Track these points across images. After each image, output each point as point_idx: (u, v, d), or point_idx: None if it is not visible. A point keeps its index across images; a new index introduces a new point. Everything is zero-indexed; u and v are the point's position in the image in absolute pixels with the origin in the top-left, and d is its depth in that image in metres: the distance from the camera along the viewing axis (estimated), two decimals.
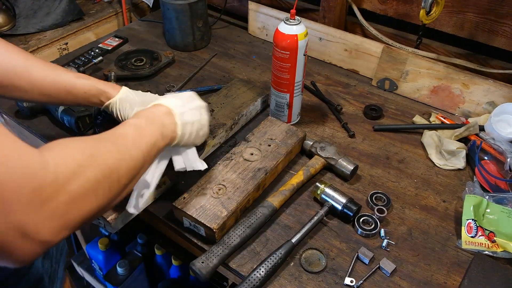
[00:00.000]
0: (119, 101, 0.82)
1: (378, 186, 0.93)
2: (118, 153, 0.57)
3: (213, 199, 0.81)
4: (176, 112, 0.72)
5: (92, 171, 0.51)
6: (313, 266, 0.77)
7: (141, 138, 0.64)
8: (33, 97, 0.79)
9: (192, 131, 0.74)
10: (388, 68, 1.17)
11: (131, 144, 0.61)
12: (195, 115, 0.75)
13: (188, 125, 0.73)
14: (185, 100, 0.76)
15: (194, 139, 0.76)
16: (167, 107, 0.72)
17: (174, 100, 0.74)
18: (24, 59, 0.77)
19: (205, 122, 0.78)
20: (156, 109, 0.71)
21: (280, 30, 0.91)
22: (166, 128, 0.69)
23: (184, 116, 0.73)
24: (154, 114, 0.70)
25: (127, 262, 1.42)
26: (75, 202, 0.48)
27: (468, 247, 0.79)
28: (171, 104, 0.73)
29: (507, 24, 1.06)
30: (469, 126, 1.00)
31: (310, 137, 1.00)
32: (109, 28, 1.58)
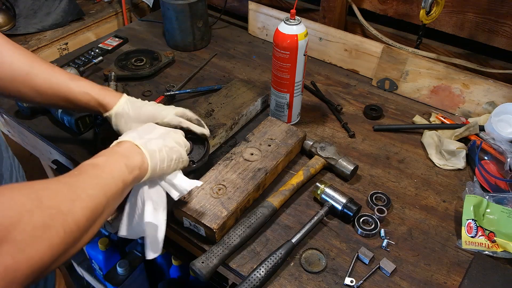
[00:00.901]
0: (114, 115, 0.81)
1: (378, 186, 0.93)
2: (72, 193, 0.53)
3: (213, 199, 0.81)
4: (138, 143, 0.69)
5: (39, 215, 0.46)
6: (313, 266, 0.77)
7: (101, 174, 0.59)
8: (37, 101, 0.80)
9: (163, 157, 0.70)
10: (388, 68, 1.17)
11: (88, 183, 0.56)
12: (158, 142, 0.72)
13: (156, 152, 0.69)
14: (141, 132, 0.73)
15: (168, 165, 0.72)
16: (128, 141, 0.69)
17: (131, 134, 0.71)
18: (29, 64, 0.76)
19: (172, 144, 0.74)
20: (117, 146, 0.68)
21: (280, 30, 0.91)
22: (131, 159, 0.65)
23: (148, 145, 0.69)
24: (114, 150, 0.67)
25: (127, 262, 1.42)
26: (21, 252, 0.43)
27: (468, 247, 0.79)
28: (130, 137, 0.70)
29: (507, 24, 1.06)
30: (469, 126, 1.00)
31: (310, 137, 1.00)
32: (109, 28, 1.58)
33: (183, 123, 0.84)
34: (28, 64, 0.76)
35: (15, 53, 0.76)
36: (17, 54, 0.76)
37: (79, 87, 0.80)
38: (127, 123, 0.81)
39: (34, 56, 0.79)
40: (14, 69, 0.75)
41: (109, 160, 0.63)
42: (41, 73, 0.77)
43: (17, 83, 0.75)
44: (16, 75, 0.75)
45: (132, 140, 0.68)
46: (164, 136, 0.74)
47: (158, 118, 0.83)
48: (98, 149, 0.69)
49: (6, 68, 0.74)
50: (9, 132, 1.21)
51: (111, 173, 0.60)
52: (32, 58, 0.77)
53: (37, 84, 0.77)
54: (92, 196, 0.55)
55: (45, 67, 0.78)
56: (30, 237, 0.44)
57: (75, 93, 0.79)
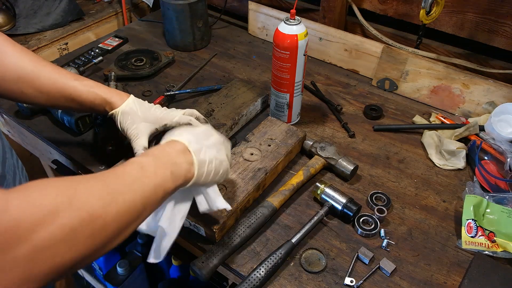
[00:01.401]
0: (121, 113, 0.80)
1: (378, 186, 0.93)
2: (108, 196, 0.50)
3: None
4: (192, 149, 0.65)
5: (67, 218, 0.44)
6: (313, 266, 0.77)
7: (143, 179, 0.56)
8: (39, 102, 0.79)
9: (211, 170, 0.68)
10: (388, 68, 1.17)
11: (128, 186, 0.54)
12: (212, 153, 0.69)
13: (205, 164, 0.67)
14: (200, 136, 0.70)
15: (213, 178, 0.69)
16: (182, 143, 0.66)
17: (188, 136, 0.68)
18: (33, 65, 0.76)
19: (224, 157, 0.71)
20: (169, 147, 0.65)
21: (280, 30, 0.91)
22: (179, 167, 0.62)
23: (201, 154, 0.67)
24: (165, 152, 0.64)
25: (127, 262, 1.42)
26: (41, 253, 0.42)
27: (468, 247, 0.79)
28: (185, 139, 0.66)
29: (507, 24, 1.06)
30: (469, 126, 1.00)
31: (310, 137, 1.00)
32: (109, 28, 1.58)
33: (193, 122, 0.84)
34: (32, 65, 0.76)
35: (19, 54, 0.76)
36: (21, 55, 0.76)
37: (85, 85, 0.80)
38: (133, 122, 0.80)
39: (38, 57, 0.79)
40: (19, 70, 0.75)
41: (156, 163, 0.60)
42: (45, 73, 0.77)
43: (21, 84, 0.75)
44: (20, 75, 0.75)
45: (187, 144, 0.66)
46: (219, 146, 0.71)
47: (167, 119, 0.82)
48: (99, 148, 0.68)
49: (11, 69, 0.74)
50: (9, 132, 1.21)
51: (154, 180, 0.58)
52: (36, 59, 0.77)
53: (41, 84, 0.76)
54: (129, 202, 0.52)
55: (49, 67, 0.78)
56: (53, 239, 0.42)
57: (81, 91, 0.79)
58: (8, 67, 0.74)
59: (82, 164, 0.95)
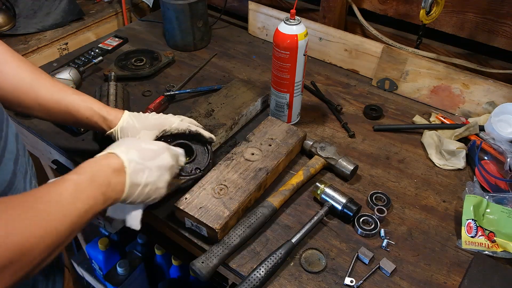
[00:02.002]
0: (120, 130, 0.80)
1: (378, 186, 0.93)
2: (41, 230, 0.49)
3: (215, 199, 0.81)
4: (130, 170, 0.64)
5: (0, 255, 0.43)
6: (313, 266, 0.77)
7: (77, 203, 0.55)
8: (36, 114, 0.79)
9: (141, 193, 0.67)
10: (388, 68, 1.17)
11: (61, 213, 0.52)
12: (152, 176, 0.67)
13: (139, 187, 0.66)
14: (146, 154, 0.68)
15: (141, 201, 0.69)
16: (120, 161, 0.64)
17: (134, 152, 0.67)
18: (33, 76, 0.76)
19: (162, 185, 0.70)
20: (107, 163, 0.63)
21: (280, 30, 0.91)
22: (112, 188, 0.61)
23: (138, 176, 0.65)
24: (101, 169, 0.61)
25: (127, 262, 1.42)
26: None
27: (468, 247, 0.79)
28: (126, 158, 0.65)
29: (507, 24, 1.06)
30: (469, 126, 1.00)
31: (310, 137, 1.00)
32: (109, 28, 1.58)
33: (192, 127, 0.84)
34: (32, 76, 0.76)
35: (18, 64, 0.75)
36: (20, 65, 0.75)
37: (83, 101, 0.79)
38: (134, 135, 0.81)
39: (37, 68, 0.79)
40: (18, 81, 0.74)
41: (92, 185, 0.58)
42: (44, 85, 0.76)
43: (20, 95, 0.75)
44: (19, 86, 0.74)
45: (126, 164, 0.64)
46: (163, 171, 0.70)
47: (166, 124, 0.82)
48: (99, 148, 0.68)
49: (10, 79, 0.74)
50: None
51: (87, 204, 0.56)
52: (35, 71, 0.77)
53: (40, 96, 0.76)
54: (60, 232, 0.51)
55: (49, 81, 0.78)
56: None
57: (78, 106, 0.78)
58: (6, 76, 0.74)
59: None
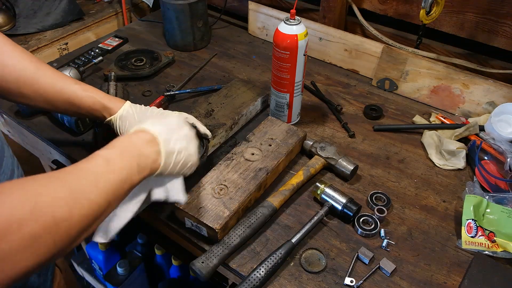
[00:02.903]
0: (119, 118, 0.81)
1: (378, 186, 0.93)
2: (72, 200, 0.49)
3: (215, 199, 0.81)
4: (161, 139, 0.65)
5: (30, 226, 0.44)
6: (313, 266, 0.77)
7: (108, 175, 0.55)
8: (38, 104, 0.79)
9: (178, 161, 0.68)
10: (388, 68, 1.17)
11: (93, 185, 0.52)
12: (182, 144, 0.69)
13: (173, 155, 0.67)
14: (172, 127, 0.70)
15: (180, 169, 0.69)
16: (150, 133, 0.65)
17: (160, 126, 0.68)
18: (34, 67, 0.76)
19: (193, 151, 0.71)
20: (136, 137, 0.64)
21: (280, 30, 0.91)
22: (145, 158, 0.61)
23: (170, 144, 0.66)
24: (131, 142, 0.62)
25: (127, 262, 1.42)
26: (3, 262, 0.42)
27: (468, 247, 0.79)
28: (155, 130, 0.66)
29: (507, 24, 1.06)
30: (469, 126, 1.00)
31: (310, 137, 1.00)
32: (109, 28, 1.58)
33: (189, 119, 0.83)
34: (32, 67, 0.76)
35: (20, 55, 0.75)
36: (22, 56, 0.75)
37: (84, 90, 0.80)
38: (131, 126, 0.80)
39: (39, 60, 0.79)
40: (19, 71, 0.74)
41: (123, 156, 0.59)
42: (45, 75, 0.77)
43: (21, 85, 0.75)
44: (20, 77, 0.75)
45: (156, 134, 0.65)
46: (189, 138, 0.72)
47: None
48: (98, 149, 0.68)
49: (11, 70, 0.74)
50: (9, 132, 1.21)
51: (120, 175, 0.56)
52: (36, 62, 0.77)
53: (41, 87, 0.76)
54: (94, 202, 0.52)
55: (50, 71, 0.78)
56: (16, 247, 0.43)
57: (80, 95, 0.79)
58: (8, 67, 0.74)
59: None
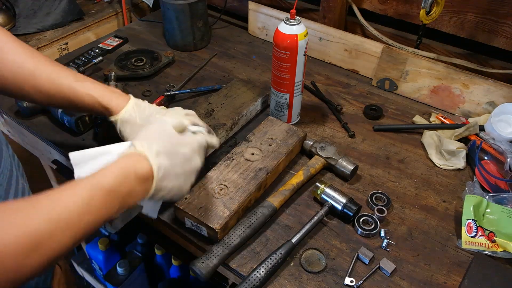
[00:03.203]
0: (120, 121, 0.77)
1: (378, 186, 0.93)
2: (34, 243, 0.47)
3: (215, 199, 0.81)
4: (158, 177, 0.60)
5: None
6: (313, 266, 0.77)
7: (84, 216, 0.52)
8: (38, 100, 0.78)
9: (164, 197, 0.64)
10: (388, 68, 1.17)
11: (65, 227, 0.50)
12: (179, 181, 0.64)
13: (163, 192, 0.63)
14: (178, 160, 0.64)
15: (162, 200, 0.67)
16: (149, 167, 0.59)
17: (165, 157, 0.62)
18: (33, 62, 0.74)
19: (187, 187, 0.67)
20: (134, 170, 0.58)
21: (280, 30, 0.91)
22: (132, 196, 0.58)
23: (164, 183, 0.62)
24: (126, 178, 0.57)
25: (127, 262, 1.42)
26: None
27: (468, 247, 0.79)
28: (157, 162, 0.60)
29: (507, 24, 1.06)
30: (469, 126, 1.00)
31: (310, 137, 1.00)
32: (109, 28, 1.58)
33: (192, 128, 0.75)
34: (32, 62, 0.74)
35: (19, 50, 0.74)
36: (22, 51, 0.74)
37: (84, 88, 0.77)
38: (133, 131, 0.77)
39: (39, 54, 0.77)
40: (17, 67, 0.73)
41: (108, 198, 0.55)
42: (45, 72, 0.75)
43: (19, 81, 0.74)
44: (19, 73, 0.73)
45: (155, 169, 0.60)
46: (191, 175, 0.67)
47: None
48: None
49: (9, 66, 0.73)
50: (9, 132, 1.21)
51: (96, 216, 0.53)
52: (36, 56, 0.76)
53: (40, 83, 0.75)
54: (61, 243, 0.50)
55: (50, 66, 0.76)
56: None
57: (80, 95, 0.76)
58: (7, 62, 0.73)
59: None
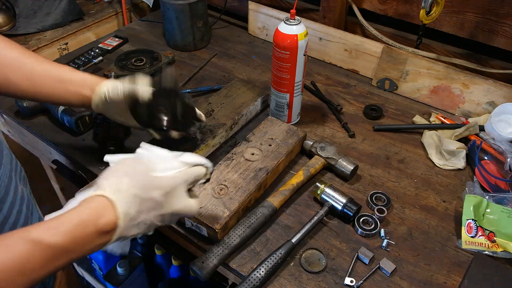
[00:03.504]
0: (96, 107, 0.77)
1: (378, 186, 0.93)
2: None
3: (215, 199, 0.81)
4: (122, 227, 0.54)
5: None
6: (313, 266, 0.77)
7: (30, 274, 0.48)
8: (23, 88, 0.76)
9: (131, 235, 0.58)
10: (388, 68, 1.17)
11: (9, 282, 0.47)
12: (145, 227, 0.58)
13: (126, 238, 0.57)
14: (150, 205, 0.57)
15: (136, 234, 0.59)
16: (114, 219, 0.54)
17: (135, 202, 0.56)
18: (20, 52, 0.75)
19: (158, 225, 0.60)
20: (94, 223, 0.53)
21: (280, 30, 0.91)
22: (89, 248, 0.53)
23: (130, 231, 0.56)
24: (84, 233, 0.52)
25: (127, 262, 1.42)
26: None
27: (468, 247, 0.79)
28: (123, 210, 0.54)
29: (507, 24, 1.06)
30: (469, 126, 1.00)
31: (310, 137, 1.00)
32: (109, 28, 1.58)
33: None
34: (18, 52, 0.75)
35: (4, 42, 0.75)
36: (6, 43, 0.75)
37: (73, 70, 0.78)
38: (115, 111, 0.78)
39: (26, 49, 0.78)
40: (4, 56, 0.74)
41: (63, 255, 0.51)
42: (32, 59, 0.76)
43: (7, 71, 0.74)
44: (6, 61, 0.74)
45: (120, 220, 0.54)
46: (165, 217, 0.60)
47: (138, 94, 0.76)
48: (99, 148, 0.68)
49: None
50: (9, 132, 1.21)
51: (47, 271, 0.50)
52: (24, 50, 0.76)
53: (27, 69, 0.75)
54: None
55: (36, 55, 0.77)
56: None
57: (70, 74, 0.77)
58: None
59: (82, 164, 0.95)
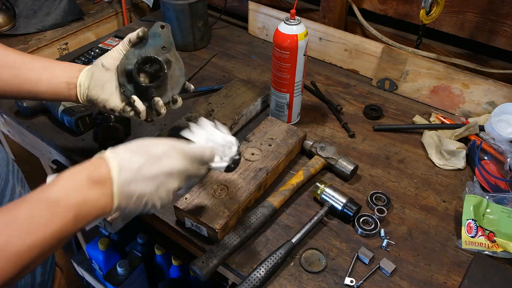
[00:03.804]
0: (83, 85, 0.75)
1: (378, 186, 0.93)
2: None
3: (215, 200, 0.81)
4: (119, 177, 0.53)
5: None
6: (313, 266, 0.77)
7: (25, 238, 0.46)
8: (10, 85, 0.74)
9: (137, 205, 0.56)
10: (388, 68, 1.17)
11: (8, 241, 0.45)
12: (148, 187, 0.55)
13: (132, 198, 0.55)
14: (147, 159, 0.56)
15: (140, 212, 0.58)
16: (107, 170, 0.53)
17: (123, 155, 0.55)
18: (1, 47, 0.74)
19: (164, 195, 0.58)
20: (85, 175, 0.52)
21: (280, 30, 0.91)
22: (89, 205, 0.51)
23: (131, 186, 0.54)
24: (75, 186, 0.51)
25: (127, 262, 1.42)
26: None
27: (468, 247, 0.79)
28: (114, 164, 0.54)
29: (507, 24, 1.06)
30: (469, 126, 1.00)
31: (310, 137, 1.00)
32: (109, 28, 1.58)
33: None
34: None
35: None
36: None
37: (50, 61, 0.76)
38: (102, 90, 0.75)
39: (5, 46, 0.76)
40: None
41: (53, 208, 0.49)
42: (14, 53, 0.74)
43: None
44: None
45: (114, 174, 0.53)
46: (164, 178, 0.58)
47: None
48: (98, 148, 0.68)
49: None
50: (9, 132, 1.21)
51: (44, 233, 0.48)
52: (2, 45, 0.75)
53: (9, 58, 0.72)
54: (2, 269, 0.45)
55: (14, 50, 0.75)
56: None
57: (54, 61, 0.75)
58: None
59: None
